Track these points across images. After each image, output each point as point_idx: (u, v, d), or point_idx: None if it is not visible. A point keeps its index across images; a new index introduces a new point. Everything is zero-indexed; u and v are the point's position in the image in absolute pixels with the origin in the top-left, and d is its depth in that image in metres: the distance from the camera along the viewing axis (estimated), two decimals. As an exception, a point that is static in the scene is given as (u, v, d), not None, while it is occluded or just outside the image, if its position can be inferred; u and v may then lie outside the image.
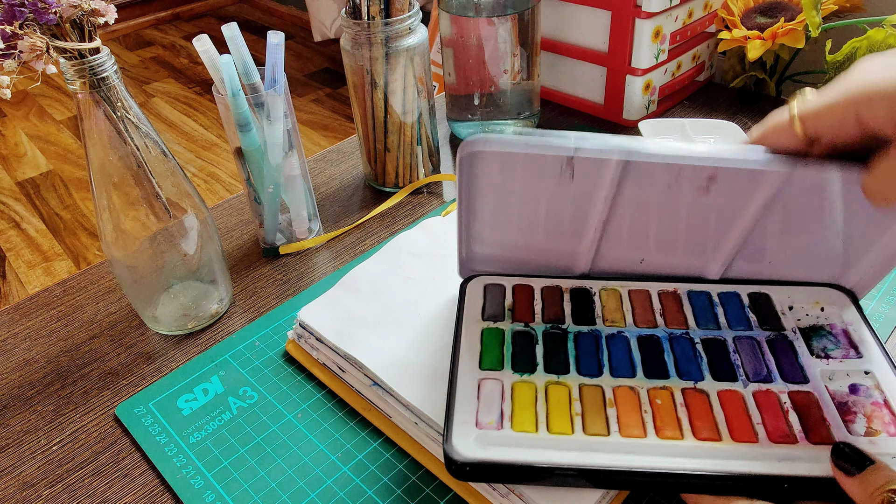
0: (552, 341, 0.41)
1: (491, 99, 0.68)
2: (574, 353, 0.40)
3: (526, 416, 0.36)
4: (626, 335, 0.41)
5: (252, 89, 0.50)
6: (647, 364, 0.39)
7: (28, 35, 0.38)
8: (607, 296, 0.44)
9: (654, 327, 0.41)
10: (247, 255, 0.59)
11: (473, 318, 0.42)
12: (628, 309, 0.43)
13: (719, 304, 0.43)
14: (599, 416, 0.36)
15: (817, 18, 0.65)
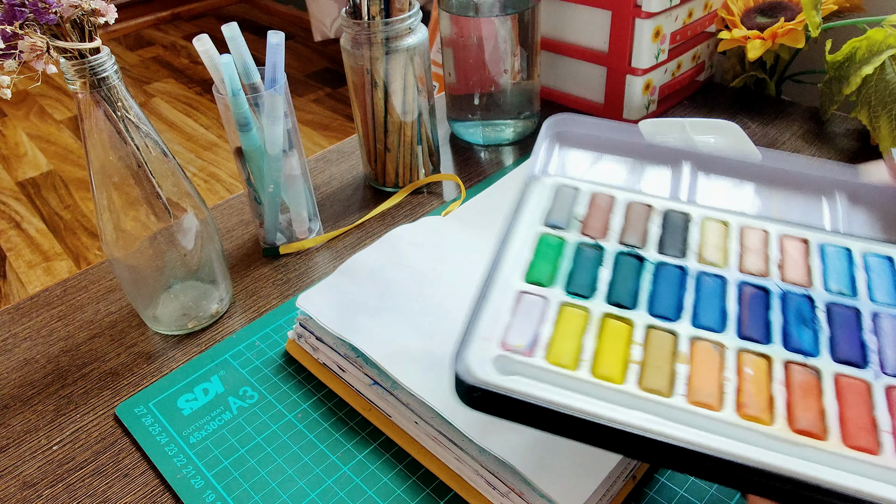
0: (624, 267, 0.33)
1: (491, 99, 0.68)
2: (650, 286, 0.32)
3: (567, 348, 0.29)
4: (724, 278, 0.33)
5: (252, 89, 0.50)
6: (745, 320, 0.31)
7: (28, 35, 0.38)
8: (710, 228, 0.35)
9: (763, 276, 0.33)
10: (247, 255, 0.59)
11: (531, 220, 0.35)
12: (734, 249, 0.34)
13: (861, 266, 0.33)
14: (664, 369, 0.29)
15: (817, 18, 0.65)
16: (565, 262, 0.33)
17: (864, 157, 0.64)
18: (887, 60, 0.60)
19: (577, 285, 0.32)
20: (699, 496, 0.38)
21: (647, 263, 0.33)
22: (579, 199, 0.36)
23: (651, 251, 0.34)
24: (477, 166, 0.68)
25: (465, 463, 0.38)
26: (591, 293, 0.32)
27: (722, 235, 0.35)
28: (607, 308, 0.31)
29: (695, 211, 0.36)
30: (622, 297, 0.32)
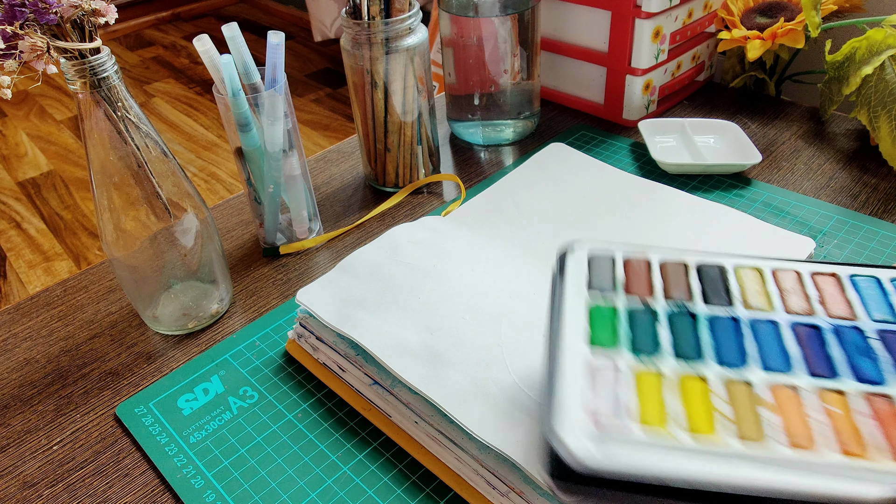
0: (679, 323, 0.33)
1: (491, 99, 0.68)
2: (710, 339, 0.33)
3: (654, 409, 0.29)
4: (776, 321, 0.33)
5: (252, 89, 0.50)
6: (810, 358, 0.31)
7: (29, 35, 0.38)
8: (746, 275, 0.36)
9: (810, 315, 0.34)
10: (247, 255, 0.59)
11: (575, 289, 0.36)
12: (774, 292, 0.35)
13: (893, 291, 0.35)
14: (752, 418, 0.29)
15: (817, 18, 0.65)
16: (622, 326, 0.33)
17: (864, 157, 0.64)
18: (887, 60, 0.60)
19: (642, 345, 0.32)
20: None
21: (700, 317, 0.34)
22: (616, 265, 0.37)
23: (699, 305, 0.34)
24: (477, 166, 0.68)
25: (464, 462, 0.38)
26: (657, 352, 0.32)
27: (758, 281, 0.36)
28: (678, 365, 0.31)
29: (726, 261, 0.37)
30: (687, 351, 0.32)
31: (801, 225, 0.56)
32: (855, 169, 0.63)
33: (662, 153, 0.65)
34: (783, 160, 0.65)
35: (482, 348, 0.42)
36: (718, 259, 0.37)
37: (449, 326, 0.43)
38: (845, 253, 0.53)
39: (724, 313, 0.34)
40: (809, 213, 0.57)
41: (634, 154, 0.67)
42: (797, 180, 0.62)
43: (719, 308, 0.34)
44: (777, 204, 0.58)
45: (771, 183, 0.62)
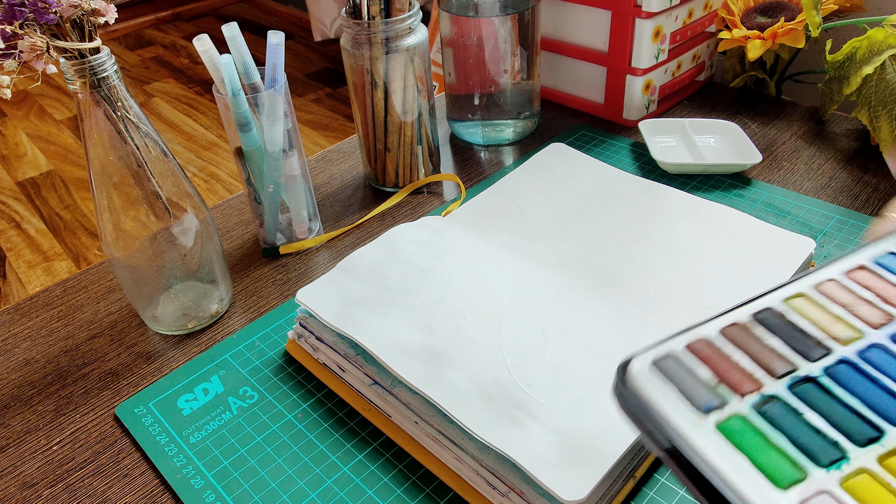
0: (813, 398, 0.28)
1: (491, 99, 0.68)
2: (855, 399, 0.28)
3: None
4: (881, 344, 0.30)
5: (252, 89, 0.50)
6: None
7: (28, 35, 0.38)
8: (802, 307, 0.32)
9: (893, 321, 0.30)
10: (247, 255, 0.59)
11: (687, 421, 0.28)
12: (841, 312, 0.31)
13: None
14: None
15: (817, 18, 0.65)
16: (772, 436, 0.27)
17: (864, 157, 0.64)
18: (887, 60, 0.60)
19: (820, 449, 0.26)
20: (699, 496, 0.38)
21: (821, 379, 0.29)
22: (688, 364, 0.30)
23: (804, 365, 0.29)
24: (477, 166, 0.68)
25: (464, 463, 0.38)
26: (836, 446, 0.26)
27: (816, 307, 0.32)
28: (867, 449, 0.26)
29: (772, 301, 0.32)
30: (861, 429, 0.27)
31: (802, 225, 0.56)
32: (855, 169, 0.63)
33: (663, 153, 0.65)
34: (783, 160, 0.65)
35: (482, 348, 0.42)
36: (762, 303, 0.32)
37: (449, 326, 0.43)
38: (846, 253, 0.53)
39: (833, 361, 0.29)
40: (810, 213, 0.57)
41: (634, 154, 0.67)
42: (797, 180, 0.62)
43: (823, 358, 0.29)
44: (777, 204, 0.58)
45: (771, 183, 0.62)
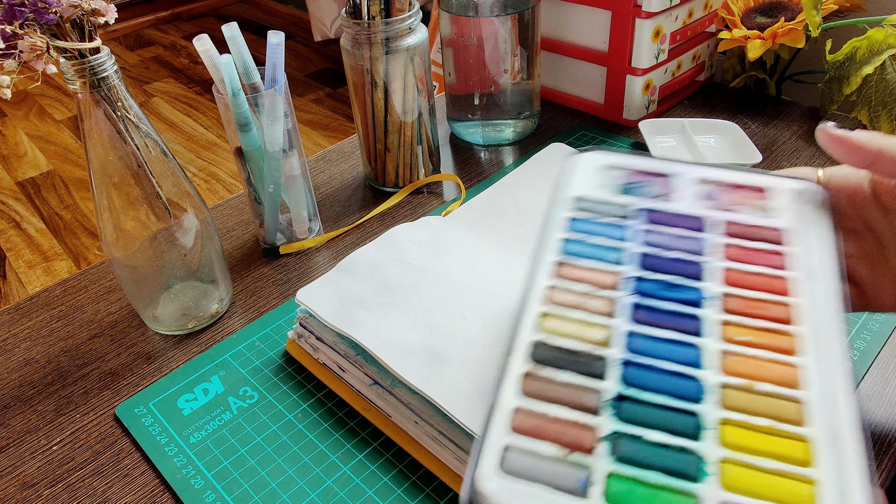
0: (637, 415, 0.30)
1: (491, 99, 0.68)
2: (659, 394, 0.30)
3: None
4: (631, 332, 0.33)
5: (252, 89, 0.50)
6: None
7: (28, 35, 0.38)
8: (553, 326, 0.34)
9: (615, 303, 0.34)
10: (247, 255, 0.59)
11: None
12: (581, 315, 0.34)
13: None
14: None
15: (817, 18, 0.65)
16: (648, 477, 0.28)
17: (864, 157, 0.64)
18: (887, 60, 0.60)
19: (684, 468, 0.28)
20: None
21: (627, 392, 0.30)
22: (529, 448, 0.29)
23: (603, 385, 0.31)
24: (477, 166, 0.68)
25: (464, 462, 0.38)
26: (688, 453, 0.28)
27: (562, 321, 0.33)
28: (707, 442, 0.29)
29: (528, 335, 0.33)
30: (686, 424, 0.29)
31: (802, 225, 0.56)
32: (855, 169, 0.63)
33: (663, 153, 0.65)
34: (784, 160, 0.65)
35: (482, 348, 0.42)
36: (522, 338, 0.32)
37: (449, 326, 0.43)
38: (846, 253, 0.53)
39: (618, 369, 0.31)
40: (810, 212, 0.57)
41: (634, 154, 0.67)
42: (797, 180, 0.62)
43: (609, 370, 0.31)
44: (777, 204, 0.58)
45: (771, 183, 0.62)
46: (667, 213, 0.39)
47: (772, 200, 0.40)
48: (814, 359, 0.32)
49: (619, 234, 0.37)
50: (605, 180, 0.41)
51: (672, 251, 0.37)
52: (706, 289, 0.35)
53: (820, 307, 0.34)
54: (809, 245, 0.37)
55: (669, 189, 0.40)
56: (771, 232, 0.38)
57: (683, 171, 0.41)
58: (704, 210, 0.39)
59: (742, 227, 0.38)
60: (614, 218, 0.39)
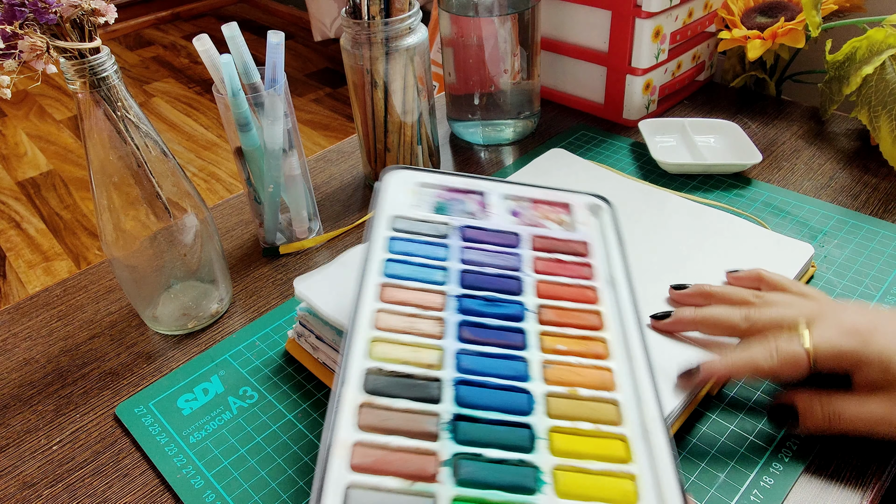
0: (474, 434, 0.31)
1: (491, 99, 0.68)
2: (491, 411, 0.32)
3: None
4: (460, 350, 0.34)
5: (252, 89, 0.50)
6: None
7: (28, 35, 0.38)
8: (384, 352, 0.34)
9: (444, 324, 0.36)
10: (247, 254, 0.59)
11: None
12: (411, 339, 0.34)
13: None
14: None
15: (817, 18, 0.64)
16: (490, 496, 0.29)
17: (864, 156, 0.64)
18: (887, 60, 0.60)
19: (522, 481, 0.29)
20: (699, 496, 0.38)
21: (462, 412, 0.31)
22: (373, 484, 0.29)
23: (440, 408, 0.31)
24: (477, 166, 0.68)
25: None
26: (527, 466, 0.30)
27: (394, 345, 0.34)
28: (540, 451, 0.30)
29: (362, 363, 0.33)
30: (521, 437, 0.31)
31: (802, 225, 0.56)
32: (855, 169, 0.63)
33: (663, 153, 0.65)
34: (783, 160, 0.65)
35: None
36: (354, 369, 0.32)
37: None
38: (846, 253, 0.53)
39: (451, 390, 0.32)
40: (810, 212, 0.57)
41: (634, 154, 0.67)
42: (797, 180, 0.62)
43: (443, 390, 0.32)
44: (777, 204, 0.58)
45: (771, 183, 0.62)
46: (482, 229, 0.40)
47: (573, 215, 0.43)
48: (622, 361, 0.34)
49: (439, 254, 0.38)
50: (419, 199, 0.42)
51: (491, 267, 0.38)
52: (526, 302, 0.36)
53: (622, 312, 0.37)
54: (607, 256, 0.41)
55: (481, 206, 0.42)
56: (576, 245, 0.41)
57: (491, 188, 0.43)
58: (516, 226, 0.41)
59: (549, 241, 0.41)
60: (432, 237, 0.39)
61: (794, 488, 0.38)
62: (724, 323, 0.41)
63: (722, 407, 0.42)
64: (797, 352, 0.37)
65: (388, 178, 0.42)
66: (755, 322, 0.40)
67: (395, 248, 0.38)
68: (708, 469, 0.39)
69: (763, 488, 0.38)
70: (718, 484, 0.38)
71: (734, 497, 0.37)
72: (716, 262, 0.50)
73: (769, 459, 0.39)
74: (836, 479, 0.38)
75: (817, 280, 0.50)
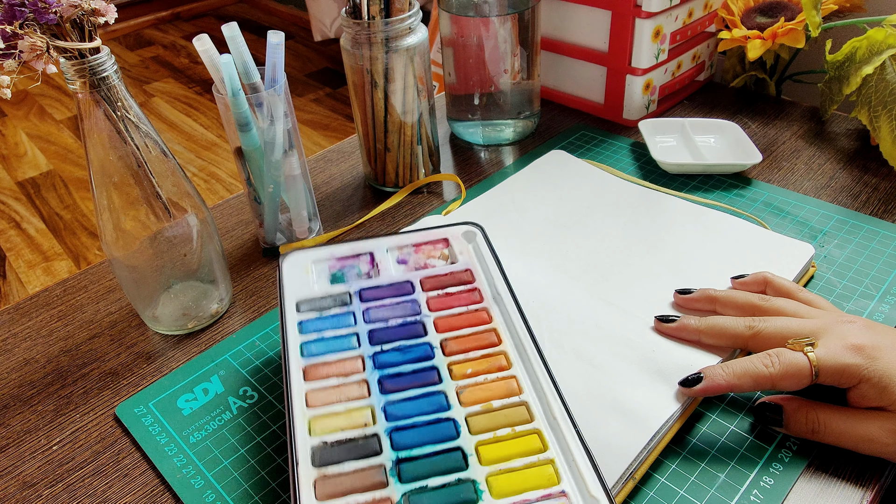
0: (416, 470, 0.35)
1: (491, 99, 0.68)
2: (423, 446, 0.36)
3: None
4: (385, 403, 0.38)
5: (252, 89, 0.50)
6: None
7: (28, 35, 0.38)
8: (323, 426, 0.37)
9: (364, 385, 0.40)
10: (247, 255, 0.59)
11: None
12: (342, 407, 0.38)
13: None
14: None
15: (817, 18, 0.64)
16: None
17: (864, 156, 0.64)
18: (887, 60, 0.60)
19: (462, 499, 0.33)
20: (699, 496, 0.38)
21: (402, 454, 0.35)
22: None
23: (382, 458, 0.35)
24: (477, 166, 0.68)
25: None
26: (464, 484, 0.34)
27: (330, 417, 0.37)
28: (473, 467, 0.35)
29: (305, 441, 0.36)
30: (453, 460, 0.35)
31: (802, 225, 0.56)
32: (855, 169, 0.63)
33: (663, 153, 0.65)
34: (783, 160, 0.65)
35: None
36: (304, 453, 0.36)
37: None
38: (846, 253, 0.53)
39: (386, 440, 0.36)
40: (810, 212, 0.57)
41: (635, 154, 0.67)
42: (797, 180, 0.62)
43: (381, 442, 0.36)
44: (777, 204, 0.58)
45: (771, 183, 0.62)
46: (377, 287, 0.45)
47: (452, 247, 0.47)
48: (520, 366, 0.39)
49: (346, 322, 0.43)
50: (317, 274, 0.46)
51: (393, 319, 0.42)
52: (430, 341, 0.41)
53: (511, 323, 0.41)
54: (488, 276, 0.45)
55: (371, 264, 0.47)
56: (460, 274, 0.45)
57: (376, 245, 0.47)
58: (406, 273, 0.46)
59: (437, 279, 0.45)
60: (335, 308, 0.44)
61: (794, 488, 0.38)
62: (728, 333, 0.41)
63: (722, 407, 0.42)
64: (801, 364, 0.38)
65: (284, 265, 0.46)
66: (760, 332, 0.40)
67: (307, 328, 0.42)
68: (708, 469, 0.39)
69: (763, 488, 0.38)
70: (718, 484, 0.38)
71: (734, 497, 0.37)
72: (716, 262, 0.50)
73: (769, 459, 0.39)
74: (836, 479, 0.38)
75: (817, 280, 0.50)
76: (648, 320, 0.45)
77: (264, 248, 0.58)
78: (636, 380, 0.41)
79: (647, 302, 0.47)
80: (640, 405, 0.39)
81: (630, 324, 0.45)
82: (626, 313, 0.45)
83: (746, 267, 0.48)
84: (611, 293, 0.48)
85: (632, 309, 0.46)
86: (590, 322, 0.45)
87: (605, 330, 0.44)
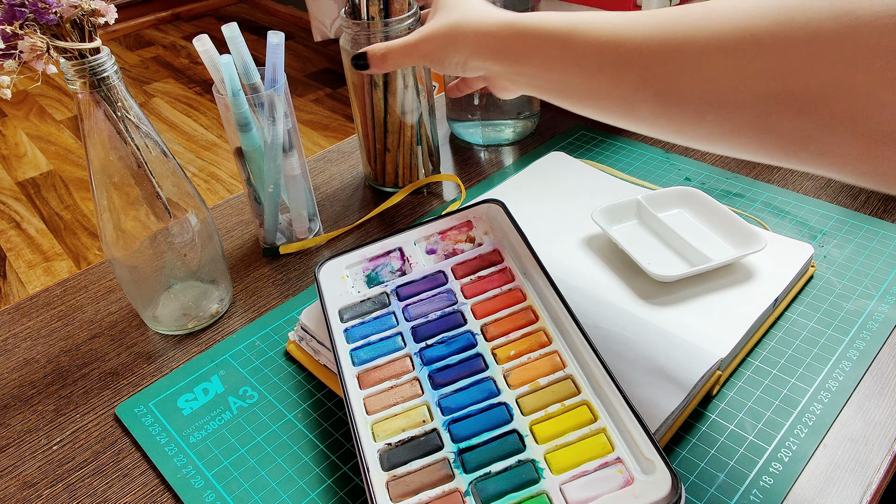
0: (479, 458, 0.36)
1: (491, 99, 0.68)
2: (480, 434, 0.37)
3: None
4: (437, 400, 0.39)
5: (252, 89, 0.50)
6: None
7: (28, 35, 0.38)
8: (382, 429, 0.39)
9: (415, 382, 0.41)
10: (247, 255, 0.59)
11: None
12: (399, 408, 0.39)
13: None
14: None
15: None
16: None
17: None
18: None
19: (525, 479, 0.35)
20: (699, 496, 0.38)
21: (462, 445, 0.36)
22: None
23: (444, 452, 0.36)
24: (477, 166, 0.68)
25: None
26: (525, 465, 0.35)
27: (387, 420, 0.39)
28: (532, 447, 0.36)
29: (371, 448, 0.37)
30: (512, 442, 0.36)
31: (802, 225, 0.56)
32: (855, 169, 0.63)
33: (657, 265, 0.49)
34: (783, 160, 0.65)
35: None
36: (371, 460, 0.37)
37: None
38: (845, 252, 0.53)
39: (445, 434, 0.37)
40: (809, 212, 0.57)
41: (635, 154, 0.67)
42: (797, 180, 0.62)
43: (442, 438, 0.37)
44: (777, 204, 0.58)
45: (771, 183, 0.62)
46: (412, 282, 0.46)
47: (477, 229, 0.48)
48: (559, 339, 0.40)
49: (388, 323, 0.43)
50: (352, 280, 0.47)
51: (433, 312, 0.43)
52: (471, 328, 0.42)
53: (544, 296, 0.42)
54: (514, 252, 0.45)
55: (402, 259, 0.47)
56: (489, 256, 0.46)
57: (402, 239, 0.48)
58: (436, 264, 0.46)
59: (467, 265, 0.46)
60: (376, 310, 0.44)
61: (794, 488, 0.38)
62: None
63: (722, 407, 0.42)
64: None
65: (321, 276, 0.47)
66: None
67: (353, 336, 0.43)
68: (708, 469, 0.39)
69: (763, 488, 0.38)
70: (718, 484, 0.38)
71: (734, 497, 0.37)
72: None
73: (769, 459, 0.39)
74: (836, 478, 0.38)
75: (817, 280, 0.50)
76: (648, 319, 0.45)
77: (264, 248, 0.59)
78: (636, 379, 0.41)
79: (649, 304, 0.47)
80: (640, 404, 0.39)
81: (630, 323, 0.45)
82: (626, 312, 0.46)
83: (746, 266, 0.48)
84: (610, 293, 0.48)
85: (631, 308, 0.46)
86: (589, 322, 0.45)
87: (605, 329, 0.44)
